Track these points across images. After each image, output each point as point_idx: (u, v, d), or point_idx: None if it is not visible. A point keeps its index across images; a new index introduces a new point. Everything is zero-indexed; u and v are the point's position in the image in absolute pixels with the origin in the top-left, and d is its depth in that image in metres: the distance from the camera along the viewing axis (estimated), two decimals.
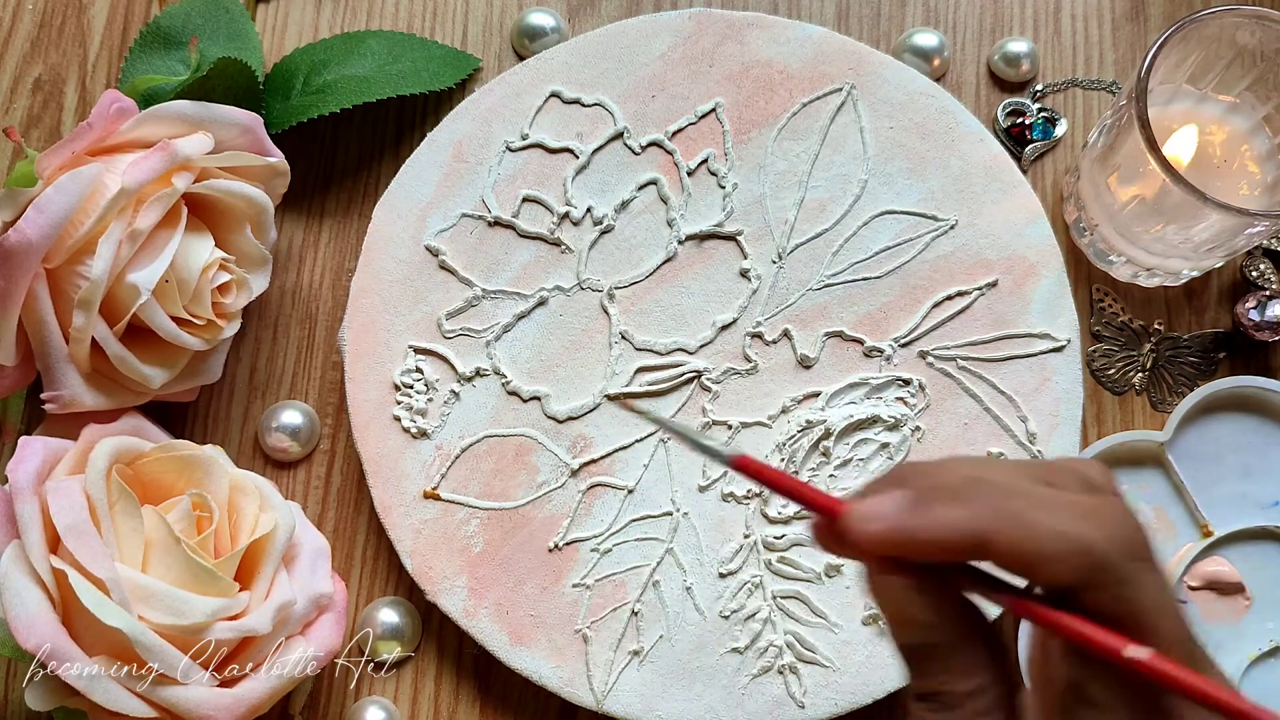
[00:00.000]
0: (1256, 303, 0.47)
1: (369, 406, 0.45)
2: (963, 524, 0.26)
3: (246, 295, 0.44)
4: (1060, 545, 0.26)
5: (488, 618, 0.44)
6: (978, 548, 0.26)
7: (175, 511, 0.39)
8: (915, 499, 0.27)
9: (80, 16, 0.51)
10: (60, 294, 0.41)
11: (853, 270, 0.46)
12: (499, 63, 0.51)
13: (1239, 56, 0.44)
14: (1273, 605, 0.46)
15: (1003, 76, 0.51)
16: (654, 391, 0.46)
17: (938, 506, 0.27)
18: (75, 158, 0.40)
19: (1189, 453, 0.46)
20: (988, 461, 0.29)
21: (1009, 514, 0.26)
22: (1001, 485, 0.27)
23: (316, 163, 0.50)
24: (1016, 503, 0.26)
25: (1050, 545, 0.26)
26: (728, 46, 0.48)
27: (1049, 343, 0.45)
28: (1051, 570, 0.26)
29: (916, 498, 0.27)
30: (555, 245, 0.47)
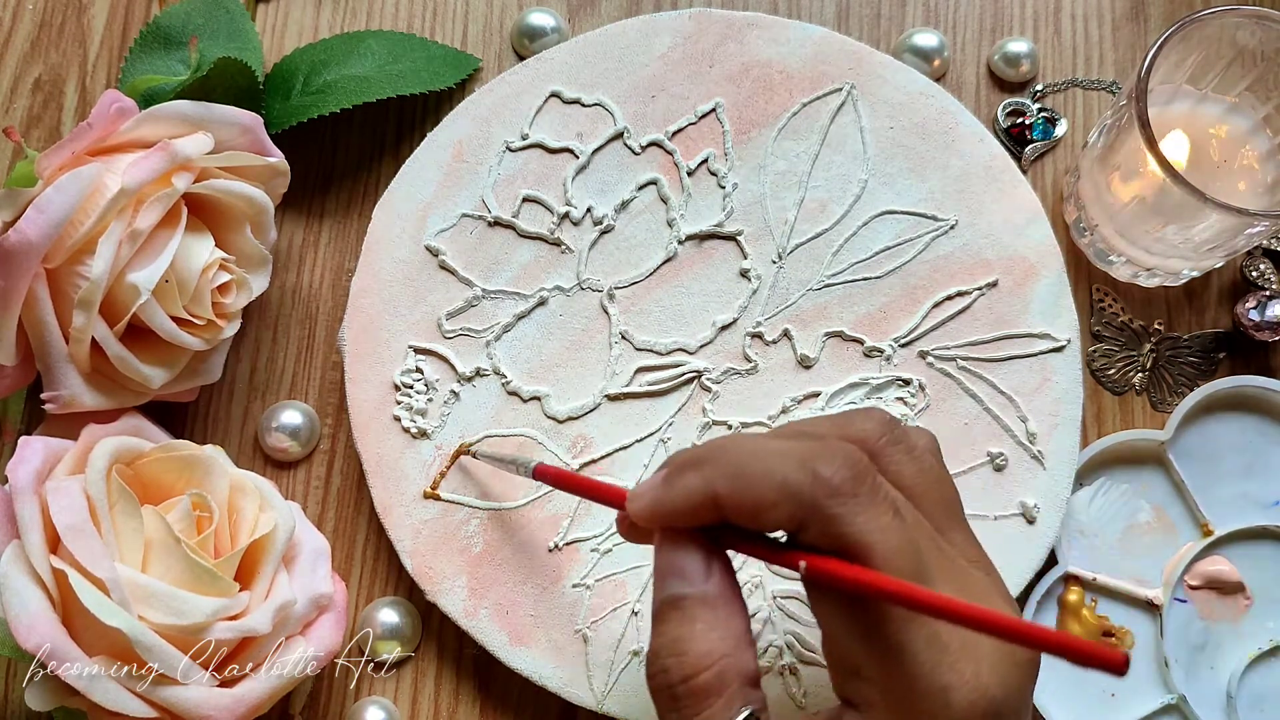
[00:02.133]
0: (1256, 303, 0.47)
1: (369, 406, 0.45)
2: (697, 486, 0.30)
3: (246, 295, 0.44)
4: (769, 492, 0.29)
5: (488, 618, 0.44)
6: (712, 505, 0.29)
7: (175, 511, 0.39)
8: (668, 473, 0.31)
9: (80, 16, 0.51)
10: (60, 294, 0.41)
11: (853, 270, 0.46)
12: (499, 63, 0.51)
13: (1239, 56, 0.44)
14: (1273, 605, 0.46)
15: (1003, 76, 0.51)
16: (654, 391, 0.46)
17: (683, 475, 0.30)
18: (75, 158, 0.40)
19: (1189, 452, 0.46)
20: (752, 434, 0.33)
21: (732, 470, 0.29)
22: (737, 445, 0.30)
23: (316, 163, 0.50)
24: (742, 459, 0.29)
25: (762, 493, 0.29)
26: (728, 46, 0.48)
27: (1049, 343, 0.45)
28: (769, 515, 0.29)
29: (670, 472, 0.31)
30: (555, 245, 0.47)
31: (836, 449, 0.29)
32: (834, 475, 0.28)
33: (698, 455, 0.30)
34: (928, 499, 0.32)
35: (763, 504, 0.29)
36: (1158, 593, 0.45)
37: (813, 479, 0.28)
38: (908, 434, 0.33)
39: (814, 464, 0.29)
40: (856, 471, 0.29)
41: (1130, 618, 0.46)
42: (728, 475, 0.29)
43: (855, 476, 0.29)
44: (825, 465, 0.29)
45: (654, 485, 0.31)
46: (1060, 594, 0.46)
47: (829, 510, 0.28)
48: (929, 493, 0.32)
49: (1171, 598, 0.45)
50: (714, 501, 0.29)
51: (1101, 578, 0.45)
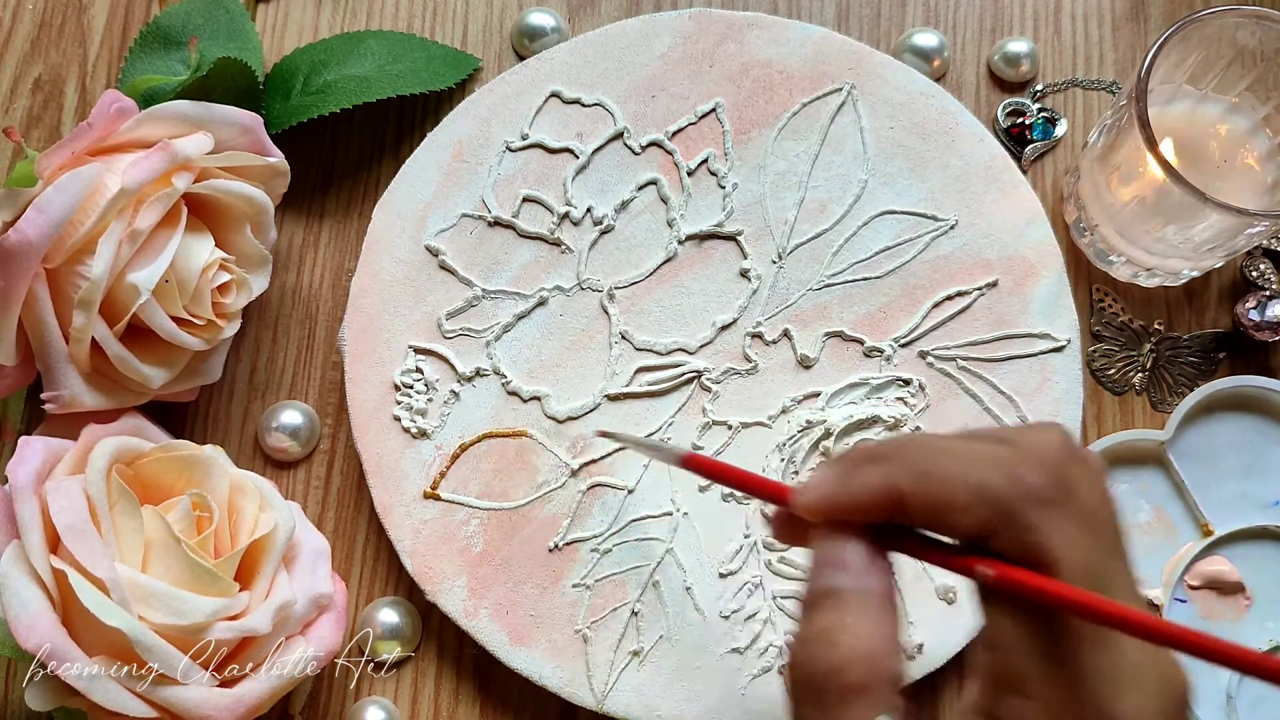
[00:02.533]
0: (1256, 303, 0.47)
1: (369, 406, 0.45)
2: (879, 481, 0.28)
3: (246, 295, 0.44)
4: (963, 494, 0.27)
5: (488, 618, 0.44)
6: (893, 502, 0.28)
7: (175, 511, 0.39)
8: (846, 467, 0.29)
9: (80, 16, 0.51)
10: (60, 294, 0.41)
11: (853, 270, 0.46)
12: (499, 63, 0.51)
13: (1239, 56, 0.44)
14: (1273, 605, 0.46)
15: (1003, 76, 0.51)
16: (654, 391, 0.46)
17: (862, 468, 0.29)
18: (75, 158, 0.40)
19: (1189, 452, 0.46)
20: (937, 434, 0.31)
21: (921, 469, 0.28)
22: (923, 444, 0.28)
23: (316, 163, 0.50)
24: (931, 457, 0.28)
25: (954, 494, 0.27)
26: (728, 46, 0.48)
27: (1049, 343, 0.45)
28: (957, 519, 0.27)
29: (847, 466, 0.29)
30: (555, 245, 0.47)
31: (1037, 455, 0.28)
32: (1037, 482, 0.27)
33: (880, 450, 0.29)
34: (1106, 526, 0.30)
35: (954, 505, 0.27)
36: (1158, 593, 0.45)
37: (1014, 484, 0.27)
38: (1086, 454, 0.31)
39: (1016, 469, 0.27)
40: (1060, 481, 0.28)
41: None
42: (916, 473, 0.28)
43: (1059, 486, 0.28)
44: (1027, 470, 0.27)
45: (828, 479, 0.29)
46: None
47: (1028, 519, 0.27)
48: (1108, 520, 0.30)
49: (1171, 598, 0.45)
50: (897, 498, 0.28)
51: None
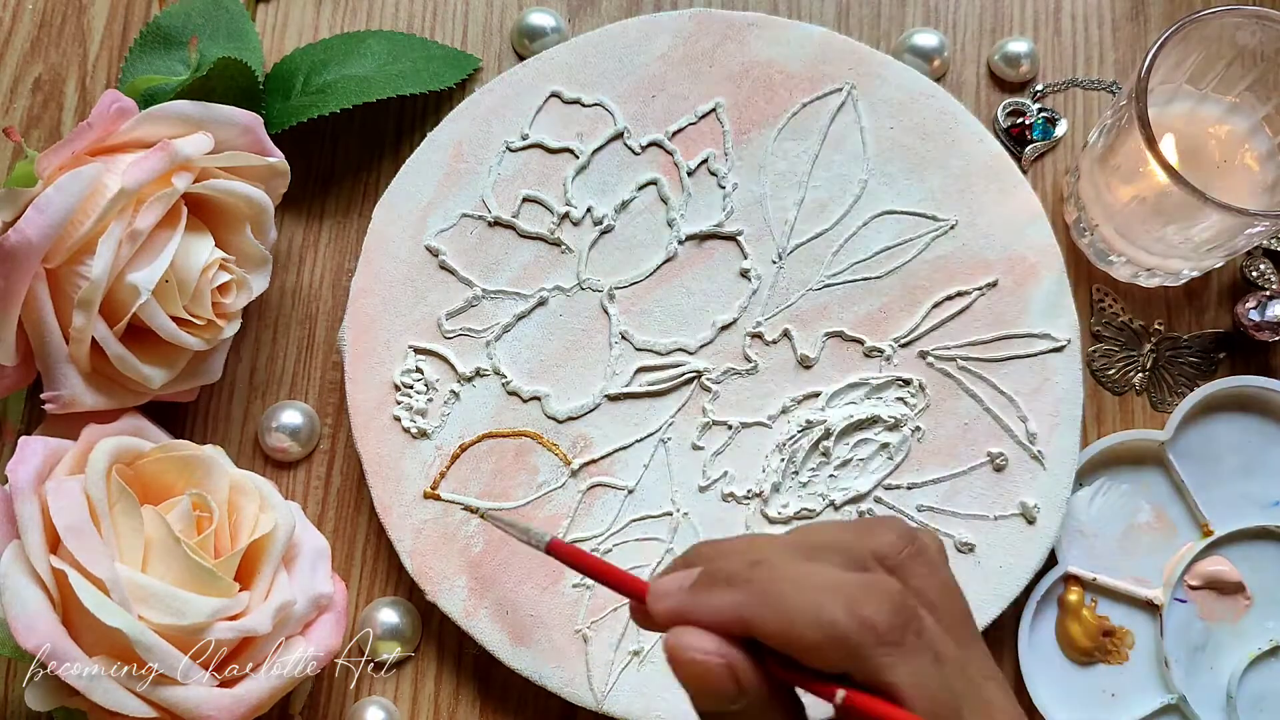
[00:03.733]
0: (1256, 303, 0.47)
1: (369, 406, 0.45)
2: (729, 610, 0.28)
3: (246, 295, 0.44)
4: (814, 634, 0.27)
5: (488, 618, 0.44)
6: (745, 631, 0.28)
7: (175, 511, 0.39)
8: (697, 582, 0.29)
9: (80, 16, 0.51)
10: (60, 294, 0.41)
11: (853, 270, 0.46)
12: (499, 63, 0.51)
13: (1239, 56, 0.44)
14: (1273, 605, 0.46)
15: (1003, 76, 0.51)
16: (654, 391, 0.46)
17: (713, 591, 0.29)
18: (75, 158, 0.40)
19: (1189, 452, 0.46)
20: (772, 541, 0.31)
21: (772, 603, 0.28)
22: (777, 572, 0.29)
23: (316, 163, 0.50)
24: (782, 590, 0.28)
25: (805, 634, 0.28)
26: (728, 46, 0.48)
27: (1049, 343, 0.45)
28: (810, 658, 0.28)
29: (699, 581, 0.29)
30: (555, 245, 0.47)
31: (881, 589, 0.28)
32: (881, 622, 0.28)
33: (732, 573, 0.29)
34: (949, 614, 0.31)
35: (805, 644, 0.28)
36: (1158, 593, 0.45)
37: (859, 625, 0.27)
38: (925, 543, 0.32)
39: (860, 608, 0.28)
40: (904, 618, 0.28)
41: (1130, 618, 0.46)
42: (765, 606, 0.28)
43: (902, 624, 0.28)
44: (873, 609, 0.28)
45: (680, 591, 0.30)
46: (1060, 594, 0.46)
47: (875, 659, 0.27)
48: (950, 608, 0.31)
49: (1171, 598, 0.45)
50: (746, 629, 0.29)
51: (1101, 578, 0.45)
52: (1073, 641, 0.45)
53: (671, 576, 0.30)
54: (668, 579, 0.30)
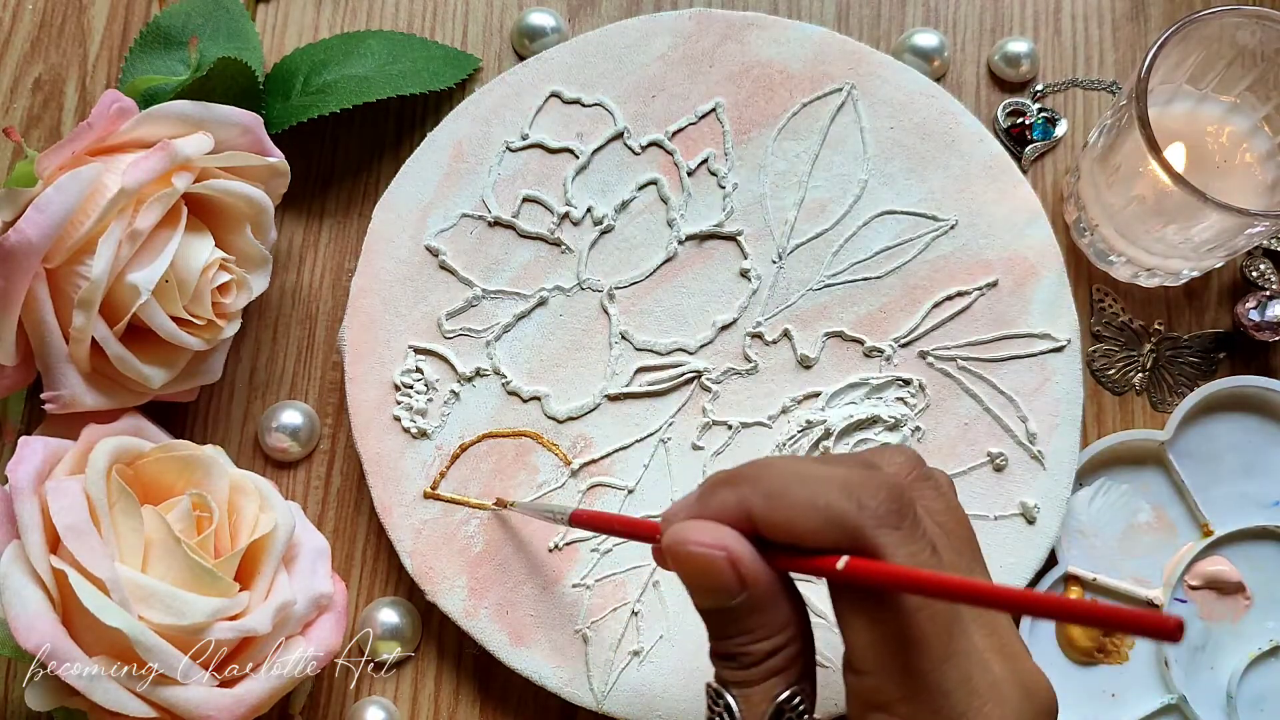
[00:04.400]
0: (1257, 303, 0.47)
1: (369, 406, 0.45)
2: (733, 505, 0.29)
3: (246, 295, 0.44)
4: (811, 518, 0.28)
5: (488, 618, 0.44)
6: (748, 523, 0.29)
7: (175, 511, 0.39)
8: (703, 491, 0.30)
9: (80, 16, 0.51)
10: (60, 294, 0.41)
11: (853, 270, 0.46)
12: (499, 63, 0.51)
13: (1239, 56, 0.44)
14: (1273, 605, 0.46)
15: (1003, 76, 0.51)
16: (654, 391, 0.46)
17: (717, 492, 0.30)
18: (75, 158, 0.40)
19: (1189, 452, 0.46)
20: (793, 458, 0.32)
21: (773, 492, 0.29)
22: (776, 468, 0.29)
23: (316, 163, 0.50)
24: (781, 481, 0.29)
25: (804, 518, 0.28)
26: (728, 46, 0.48)
27: (1049, 343, 0.45)
28: (808, 541, 0.28)
29: (703, 487, 0.30)
30: (555, 245, 0.47)
31: (881, 480, 0.29)
32: (879, 506, 0.28)
33: (735, 473, 0.30)
34: (955, 536, 0.32)
35: (804, 528, 0.28)
36: (1158, 593, 0.45)
37: (858, 507, 0.28)
38: (932, 471, 0.33)
39: (859, 492, 0.28)
40: (901, 504, 0.29)
41: None
42: (766, 495, 0.29)
43: (900, 510, 0.29)
44: (871, 495, 0.28)
45: (687, 503, 0.31)
46: (1060, 594, 0.46)
47: (873, 540, 0.28)
48: (956, 530, 0.32)
49: (1171, 598, 0.45)
50: (749, 520, 0.29)
51: (1101, 578, 0.45)
52: (1073, 641, 0.45)
53: (680, 500, 0.31)
54: (677, 503, 0.31)
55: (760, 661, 0.29)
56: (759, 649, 0.29)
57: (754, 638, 0.30)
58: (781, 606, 0.30)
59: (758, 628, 0.29)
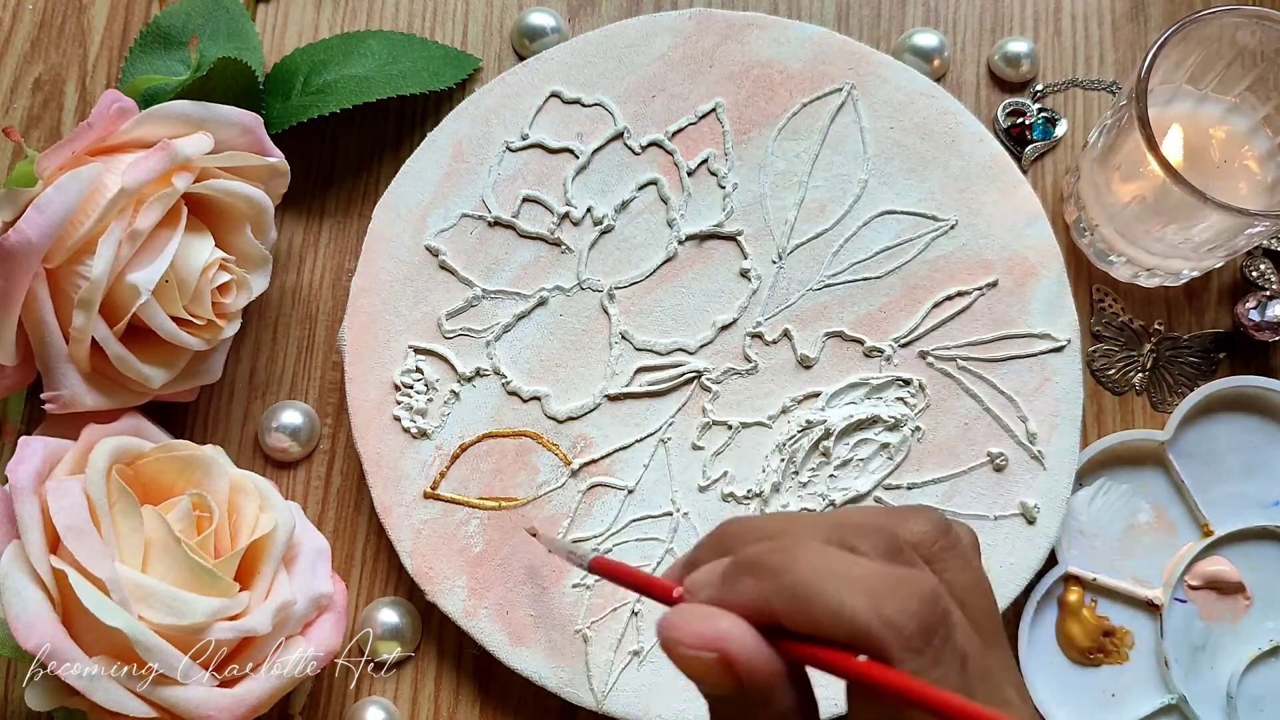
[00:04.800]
0: (1257, 303, 0.47)
1: (369, 406, 0.45)
2: (756, 601, 0.27)
3: (246, 295, 0.44)
4: (833, 626, 0.26)
5: (488, 618, 0.44)
6: (773, 621, 0.27)
7: (175, 511, 0.39)
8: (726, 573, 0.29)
9: (80, 16, 0.51)
10: (60, 294, 0.41)
11: (853, 270, 0.46)
12: (499, 63, 0.51)
13: (1239, 56, 0.44)
14: (1273, 605, 0.46)
15: (1003, 76, 0.51)
16: (654, 391, 0.46)
17: (741, 581, 0.28)
18: (75, 158, 0.40)
19: (1189, 452, 0.46)
20: (799, 522, 0.30)
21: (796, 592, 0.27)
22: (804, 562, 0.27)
23: (316, 163, 0.50)
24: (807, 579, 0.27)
25: (828, 625, 0.26)
26: (728, 46, 0.48)
27: (1049, 343, 0.45)
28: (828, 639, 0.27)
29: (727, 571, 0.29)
30: (555, 245, 0.47)
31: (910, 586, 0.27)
32: (906, 624, 0.26)
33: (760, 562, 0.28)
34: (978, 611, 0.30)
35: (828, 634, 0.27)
36: (1158, 593, 0.45)
37: (883, 624, 0.26)
38: (958, 536, 0.31)
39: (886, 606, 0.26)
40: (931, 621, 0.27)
41: (1130, 618, 0.46)
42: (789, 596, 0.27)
43: (930, 627, 0.27)
44: (898, 608, 0.26)
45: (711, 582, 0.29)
46: (1060, 594, 0.46)
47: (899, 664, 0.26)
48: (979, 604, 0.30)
49: (1171, 598, 0.45)
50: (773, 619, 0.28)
51: (1101, 578, 0.45)
52: (1073, 641, 0.45)
53: (705, 569, 0.30)
54: (701, 573, 0.30)
55: None
56: None
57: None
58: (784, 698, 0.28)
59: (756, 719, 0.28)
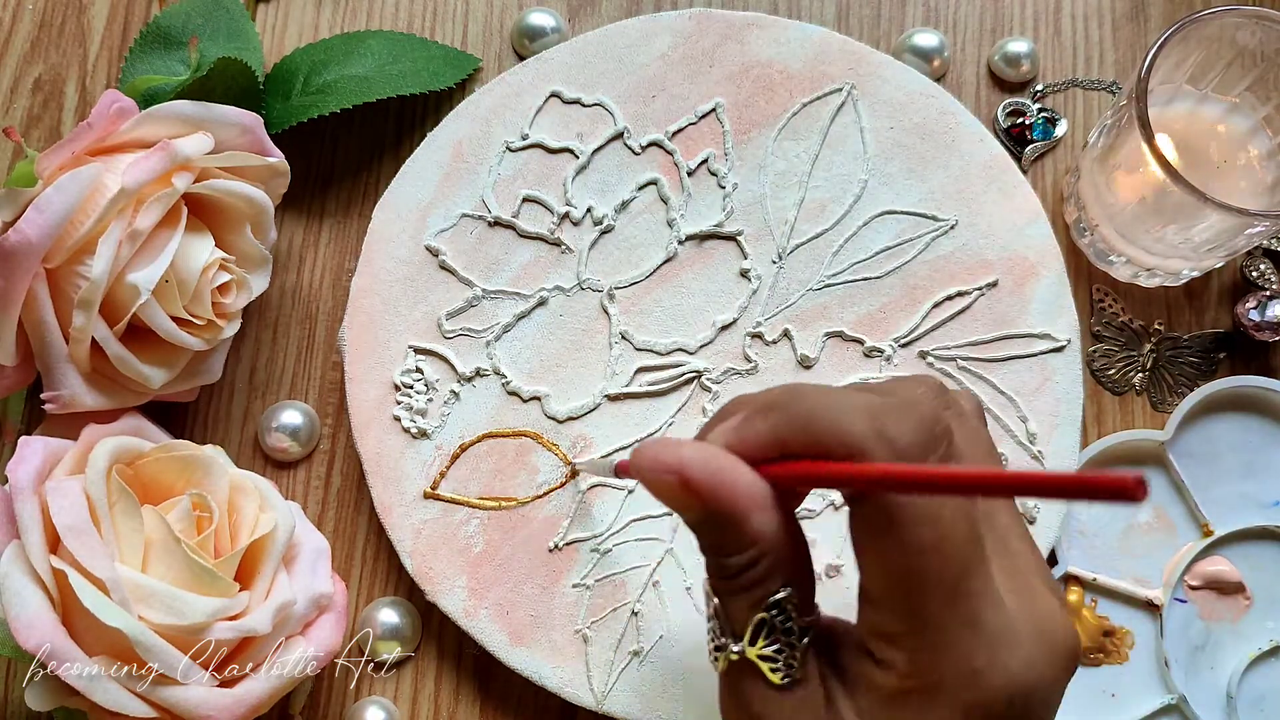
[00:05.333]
0: (1257, 303, 0.47)
1: (369, 406, 0.45)
2: (767, 434, 0.29)
3: (246, 295, 0.44)
4: (837, 446, 0.28)
5: (488, 618, 0.44)
6: (781, 448, 0.29)
7: (175, 511, 0.39)
8: (741, 419, 0.30)
9: (80, 16, 0.51)
10: (60, 294, 0.41)
11: (853, 270, 0.46)
12: (499, 63, 0.51)
13: (1239, 56, 0.44)
14: (1273, 605, 0.46)
15: (1003, 76, 0.51)
16: (654, 392, 0.46)
17: (754, 421, 0.30)
18: (75, 158, 0.40)
19: (1189, 452, 0.46)
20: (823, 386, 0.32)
21: (799, 419, 0.29)
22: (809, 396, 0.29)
23: (316, 163, 0.50)
24: (814, 410, 0.29)
25: (829, 445, 0.28)
26: (728, 46, 0.48)
27: (1049, 343, 0.45)
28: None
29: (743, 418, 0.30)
30: (555, 245, 0.47)
31: (909, 409, 0.28)
32: (901, 437, 0.27)
33: (768, 400, 0.30)
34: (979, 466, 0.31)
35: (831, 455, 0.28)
36: (1158, 593, 0.45)
37: (876, 438, 0.27)
38: (957, 399, 0.32)
39: (881, 421, 0.28)
40: (928, 436, 0.28)
41: (1130, 618, 0.46)
42: (797, 425, 0.29)
43: (925, 442, 0.28)
44: (894, 425, 0.27)
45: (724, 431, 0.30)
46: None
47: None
48: (980, 459, 0.31)
49: (1171, 598, 0.45)
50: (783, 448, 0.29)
51: (1101, 578, 0.45)
52: None
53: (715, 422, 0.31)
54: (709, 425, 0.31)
55: (735, 574, 0.29)
56: (731, 563, 0.29)
57: (724, 552, 0.29)
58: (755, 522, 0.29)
59: (728, 543, 0.29)
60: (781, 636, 0.29)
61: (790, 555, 0.29)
